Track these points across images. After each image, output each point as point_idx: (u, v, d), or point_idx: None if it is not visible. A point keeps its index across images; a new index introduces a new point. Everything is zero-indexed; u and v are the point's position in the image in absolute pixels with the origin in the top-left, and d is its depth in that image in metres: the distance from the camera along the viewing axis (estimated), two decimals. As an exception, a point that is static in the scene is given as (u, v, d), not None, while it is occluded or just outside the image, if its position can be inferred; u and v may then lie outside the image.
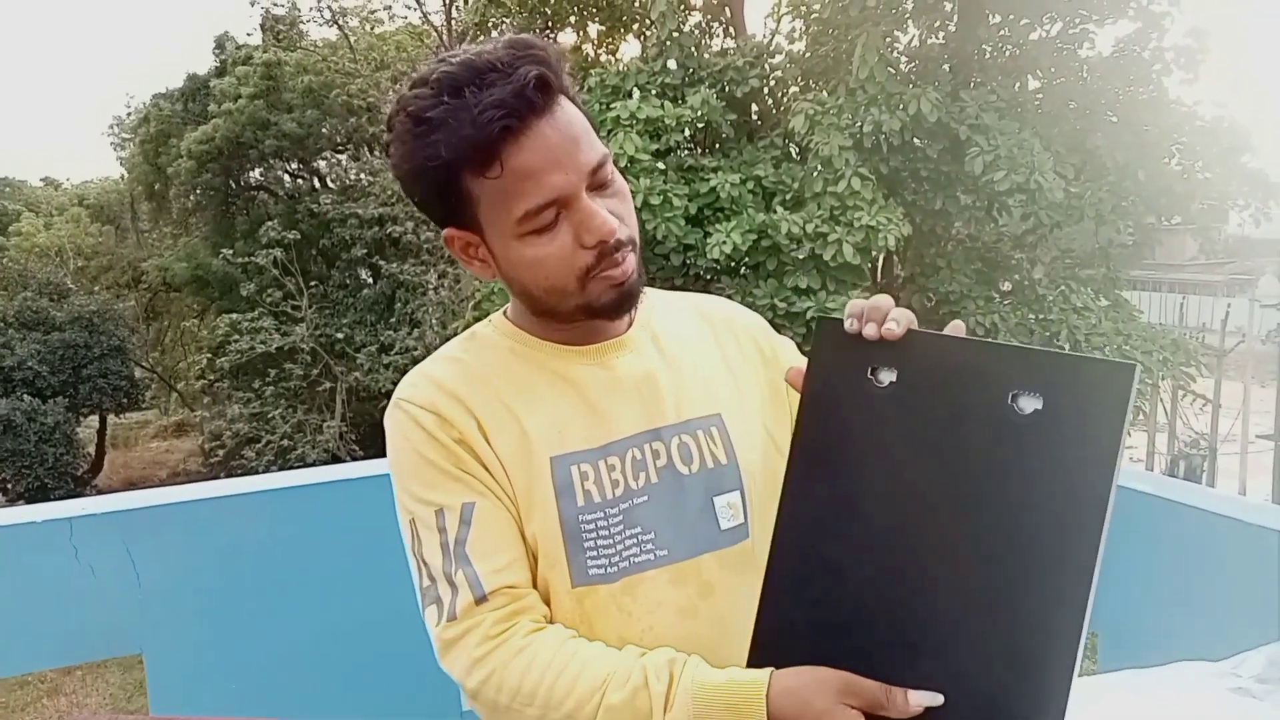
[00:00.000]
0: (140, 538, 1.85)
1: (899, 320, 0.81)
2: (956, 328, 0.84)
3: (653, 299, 1.13)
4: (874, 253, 8.57)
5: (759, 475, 1.05)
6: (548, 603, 0.98)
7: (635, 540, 0.98)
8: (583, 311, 0.99)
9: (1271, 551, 1.50)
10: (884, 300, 0.85)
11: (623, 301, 0.99)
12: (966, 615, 0.72)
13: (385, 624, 1.62)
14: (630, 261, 0.98)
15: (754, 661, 0.85)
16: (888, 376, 0.76)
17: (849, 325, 0.83)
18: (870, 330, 0.81)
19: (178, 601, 1.88)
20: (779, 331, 1.21)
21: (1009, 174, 8.03)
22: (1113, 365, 0.69)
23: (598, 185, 0.95)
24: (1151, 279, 22.27)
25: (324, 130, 18.45)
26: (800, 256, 8.34)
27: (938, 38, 9.77)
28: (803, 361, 1.16)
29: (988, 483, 0.73)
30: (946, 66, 9.67)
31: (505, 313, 1.09)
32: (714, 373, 1.09)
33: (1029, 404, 0.71)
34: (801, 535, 0.79)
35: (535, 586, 0.99)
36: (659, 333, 1.09)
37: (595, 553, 0.97)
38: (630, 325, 1.08)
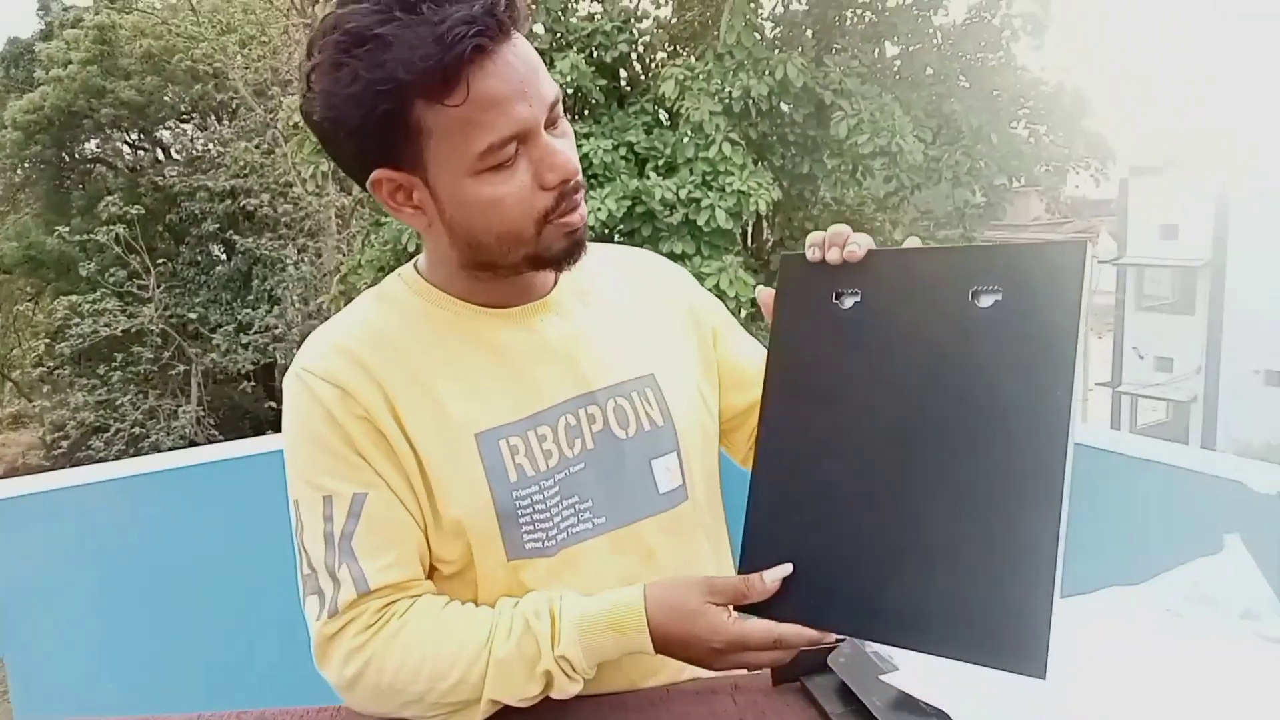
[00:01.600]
0: (-7, 532, 1.68)
1: (859, 243, 0.80)
2: (913, 242, 0.85)
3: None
4: (745, 217, 8.66)
5: (695, 435, 1.02)
6: (481, 578, 0.92)
7: (573, 510, 0.94)
8: (530, 262, 0.91)
9: (1150, 481, 1.58)
10: (842, 227, 0.84)
11: (573, 250, 0.92)
12: (949, 514, 0.73)
13: (259, 611, 1.53)
14: (584, 208, 0.92)
15: None
16: (851, 299, 0.77)
17: (810, 254, 0.83)
18: (834, 255, 0.81)
19: (37, 599, 1.73)
20: None
21: (872, 138, 8.24)
22: (1064, 246, 0.71)
23: (552, 122, 0.88)
24: (1001, 238, 23.49)
25: (166, 98, 17.35)
26: (674, 222, 8.35)
27: (801, 4, 9.91)
28: (725, 314, 1.14)
29: (957, 379, 0.74)
30: (810, 33, 9.83)
31: (416, 266, 1.00)
32: (646, 330, 1.04)
33: (988, 298, 0.73)
34: (782, 463, 0.80)
35: (449, 566, 0.94)
36: (587, 290, 1.03)
37: (532, 527, 0.92)
38: (555, 284, 1.01)
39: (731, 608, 0.80)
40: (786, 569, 0.78)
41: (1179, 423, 21.05)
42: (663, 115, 9.27)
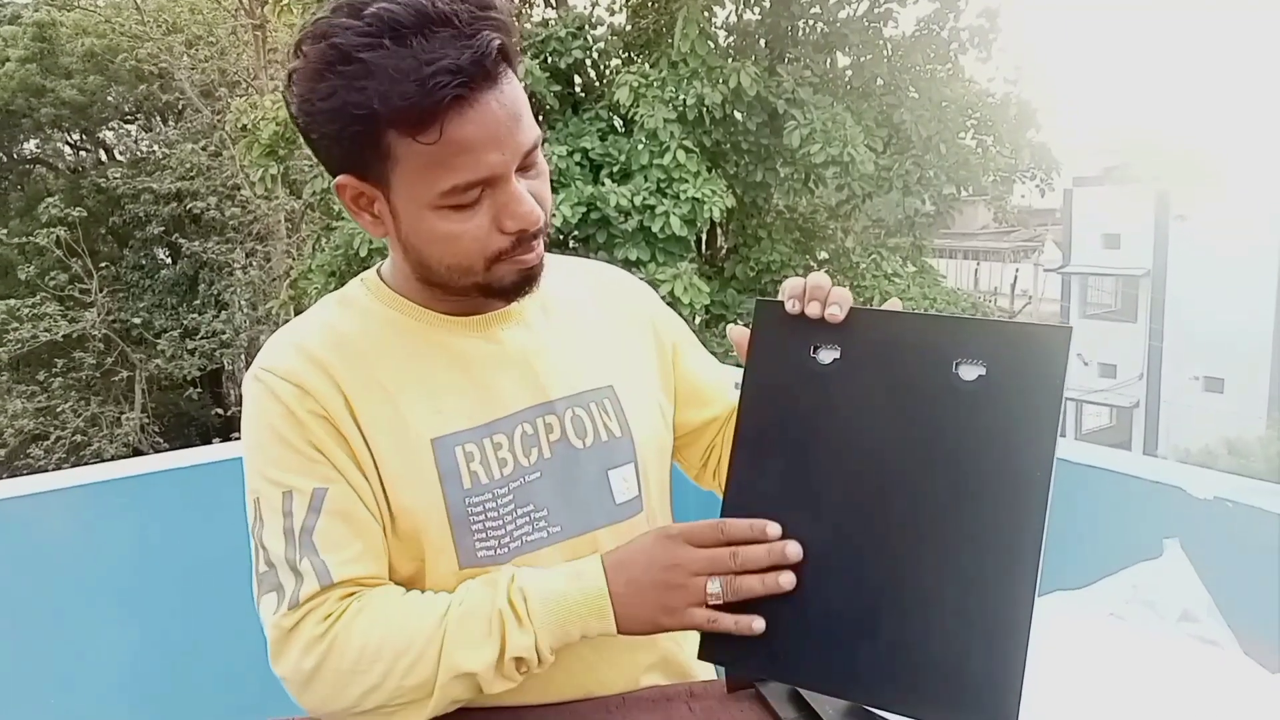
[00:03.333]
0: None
1: (840, 304, 0.79)
2: (894, 304, 0.85)
3: (547, 265, 1.07)
4: (700, 224, 8.72)
5: (652, 447, 1.03)
6: (432, 584, 0.92)
7: (528, 518, 0.94)
8: (479, 290, 0.92)
9: (1092, 486, 1.62)
10: (822, 279, 0.82)
11: (524, 284, 0.93)
12: (924, 580, 0.73)
13: (210, 624, 1.50)
14: (540, 247, 0.91)
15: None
16: (830, 354, 0.76)
17: (790, 306, 0.81)
18: (814, 309, 0.80)
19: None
20: None
21: (824, 147, 8.35)
22: (1049, 330, 0.73)
23: (527, 166, 0.88)
24: (950, 247, 23.88)
25: (110, 98, 16.98)
26: (629, 229, 8.39)
27: (754, 13, 10.01)
28: (686, 331, 1.15)
29: (936, 450, 0.74)
30: (763, 42, 9.94)
31: (379, 272, 1.00)
32: (607, 342, 1.05)
33: (971, 371, 0.73)
34: (750, 515, 0.78)
35: (401, 571, 0.93)
36: (549, 301, 1.03)
37: (484, 534, 0.92)
38: None
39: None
40: (771, 525, 0.78)
41: (1122, 428, 21.57)
42: (617, 122, 9.30)
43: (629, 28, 10.29)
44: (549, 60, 9.11)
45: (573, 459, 0.97)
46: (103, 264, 16.01)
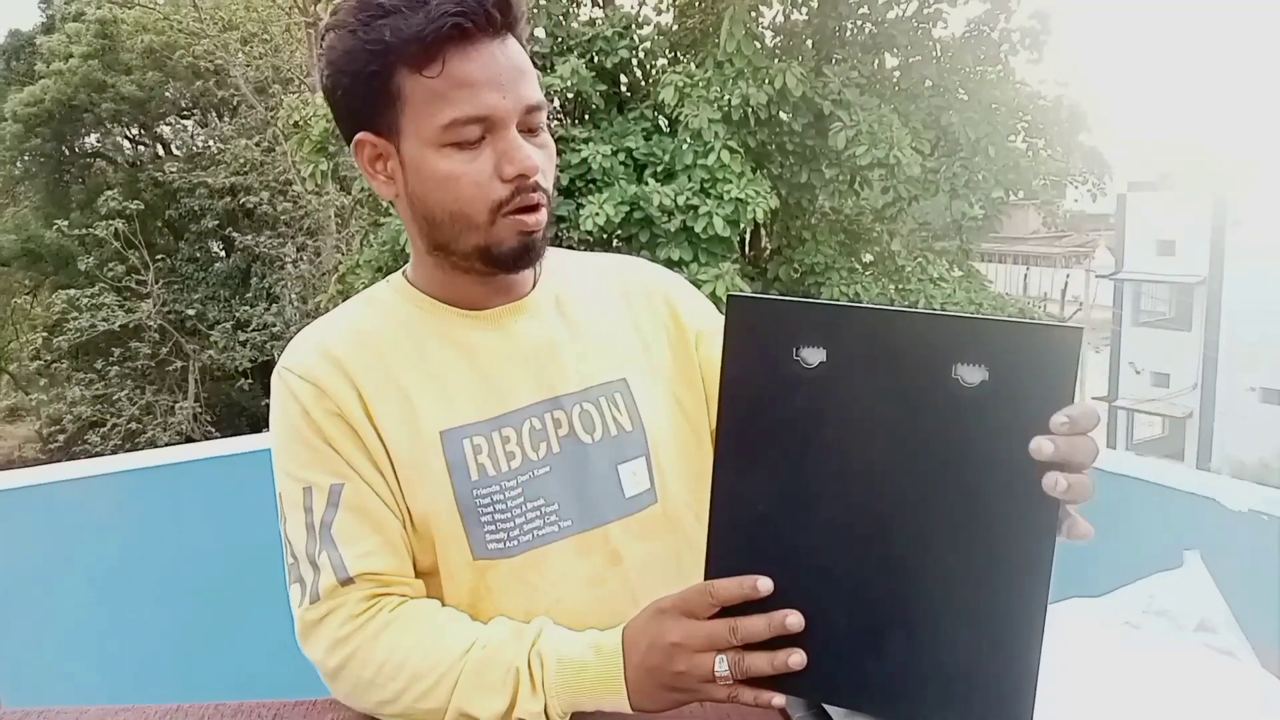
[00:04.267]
0: (-17, 525, 1.70)
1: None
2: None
3: (560, 260, 1.09)
4: (743, 225, 8.70)
5: (667, 440, 1.03)
6: (446, 577, 0.94)
7: (538, 512, 0.95)
8: (481, 255, 0.94)
9: (1127, 497, 1.60)
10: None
11: (524, 253, 0.94)
12: (932, 591, 0.71)
13: (246, 606, 1.55)
14: (543, 214, 0.93)
15: None
16: (815, 356, 0.70)
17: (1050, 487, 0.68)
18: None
19: (29, 590, 1.75)
20: None
21: (870, 149, 8.29)
22: (1060, 330, 0.67)
23: (529, 128, 0.92)
24: (999, 251, 23.56)
25: (167, 94, 17.41)
26: (672, 229, 8.40)
27: (801, 13, 9.97)
28: (715, 318, 1.14)
29: (938, 458, 0.70)
30: (810, 42, 9.89)
31: (405, 273, 1.03)
32: (621, 336, 1.06)
33: (973, 375, 0.68)
34: (739, 535, 0.74)
35: (419, 566, 0.95)
36: (564, 295, 1.05)
37: (494, 527, 0.94)
38: (534, 287, 1.03)
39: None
40: (762, 580, 0.73)
41: (1175, 439, 21.11)
42: (662, 122, 9.31)
43: (675, 27, 10.31)
44: (595, 59, 9.15)
45: (581, 454, 0.98)
46: (159, 256, 16.40)
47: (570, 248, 7.08)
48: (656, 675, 0.79)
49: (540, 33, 9.26)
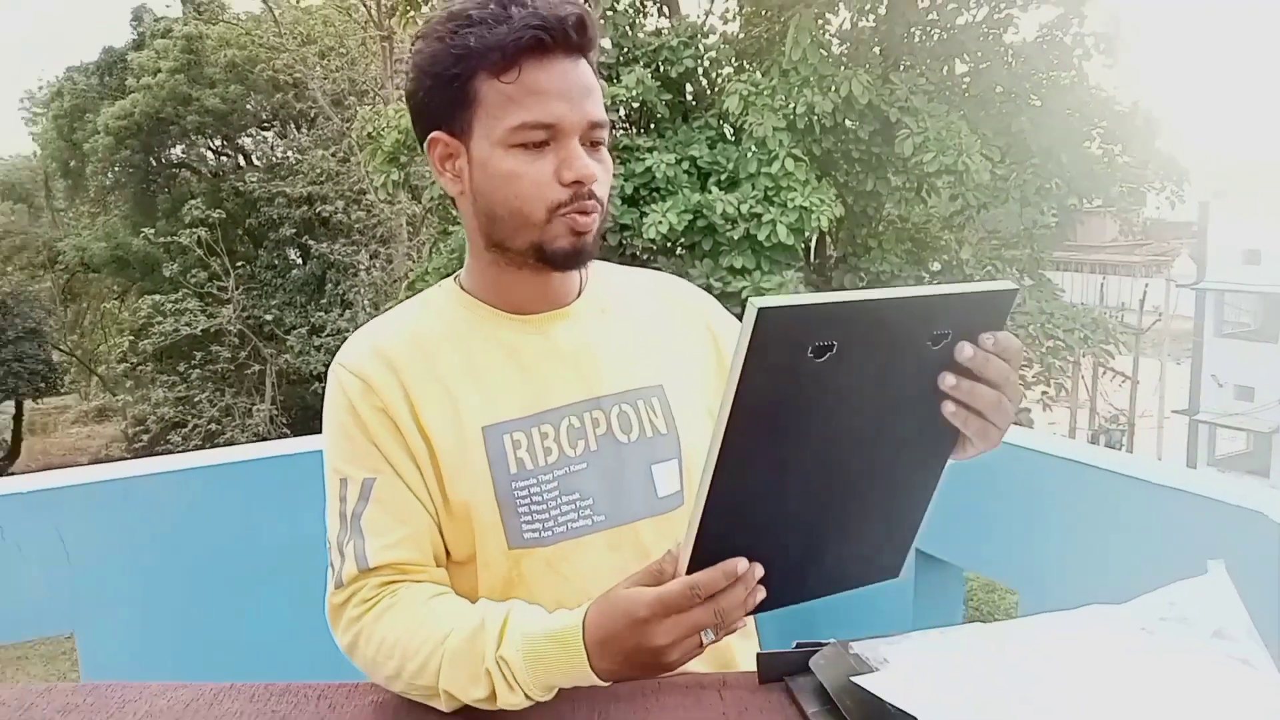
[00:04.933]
0: (70, 516, 1.80)
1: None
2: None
3: (607, 272, 1.16)
4: (807, 233, 8.66)
5: (699, 447, 1.04)
6: (483, 565, 1.00)
7: (573, 506, 1.00)
8: (534, 252, 1.00)
9: (1181, 510, 1.58)
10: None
11: (573, 254, 1.00)
12: (863, 505, 0.86)
13: (305, 596, 1.62)
14: (595, 220, 1.00)
15: None
16: (825, 350, 0.74)
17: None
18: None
19: (109, 579, 1.85)
20: None
21: (937, 156, 8.19)
22: (997, 291, 0.80)
23: (591, 143, 0.99)
24: (1074, 260, 22.96)
25: (248, 106, 18.00)
26: (735, 237, 8.40)
27: (868, 20, 9.90)
28: None
29: (901, 408, 0.82)
30: (877, 49, 9.81)
31: (458, 278, 1.11)
32: (661, 345, 1.11)
33: (940, 338, 0.79)
34: (723, 522, 0.79)
35: (457, 554, 1.01)
36: (609, 304, 1.10)
37: (530, 517, 0.99)
38: (579, 296, 1.09)
39: None
40: (740, 563, 0.79)
41: (1260, 454, 20.30)
42: (727, 130, 9.33)
43: (742, 36, 10.32)
44: (660, 69, 9.21)
45: (617, 452, 1.03)
46: (239, 263, 16.94)
47: (633, 256, 7.08)
48: (636, 670, 0.84)
49: (606, 43, 9.37)
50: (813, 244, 10.04)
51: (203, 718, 0.90)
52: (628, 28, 9.47)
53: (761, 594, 0.80)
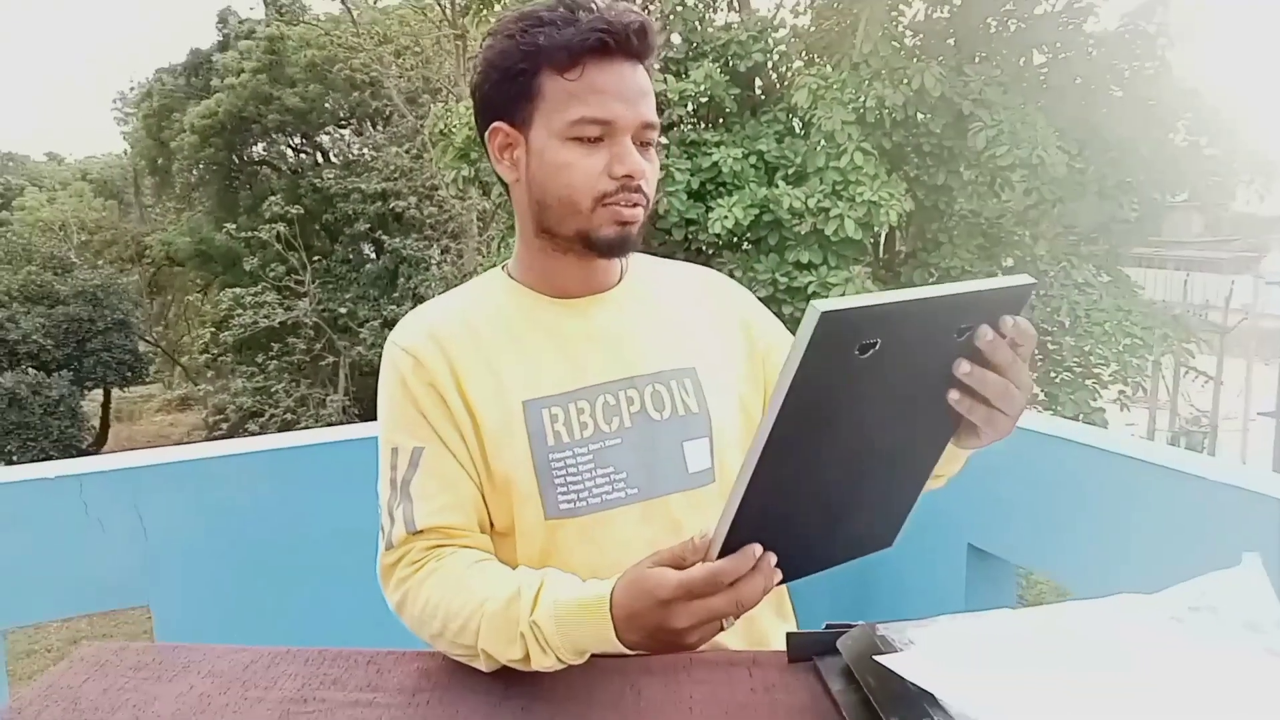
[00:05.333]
0: (147, 494, 1.90)
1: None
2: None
3: (648, 262, 1.22)
4: (876, 228, 8.55)
5: (727, 429, 1.12)
6: (521, 534, 1.06)
7: (607, 479, 1.06)
8: (580, 238, 1.06)
9: (1240, 507, 1.55)
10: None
11: (618, 242, 1.06)
12: (875, 484, 0.90)
13: (367, 571, 1.69)
14: (640, 212, 1.06)
15: None
16: (871, 349, 0.76)
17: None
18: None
19: (183, 555, 1.94)
20: (780, 306, 1.28)
21: (1011, 149, 8.01)
22: (1017, 285, 0.83)
23: (642, 142, 1.05)
24: (1156, 256, 22.20)
25: (327, 105, 18.46)
26: (802, 231, 8.34)
27: (943, 12, 9.72)
28: (784, 337, 1.21)
29: (925, 396, 0.85)
30: (951, 41, 9.63)
31: (505, 267, 1.17)
32: (695, 331, 1.16)
33: (964, 332, 0.82)
34: (755, 511, 0.82)
35: (498, 525, 1.07)
36: (646, 292, 1.16)
37: (566, 489, 1.05)
38: (619, 283, 1.15)
39: None
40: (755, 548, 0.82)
41: (1354, 458, 19.40)
42: (795, 124, 9.26)
43: (812, 29, 10.23)
44: (729, 63, 9.18)
45: (650, 429, 1.08)
46: (316, 257, 17.39)
47: (699, 250, 7.08)
48: (666, 646, 0.88)
49: (675, 38, 9.37)
50: (881, 239, 9.92)
51: (260, 678, 0.96)
52: (696, 23, 9.46)
53: (778, 577, 0.83)
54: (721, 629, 0.86)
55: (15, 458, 15.38)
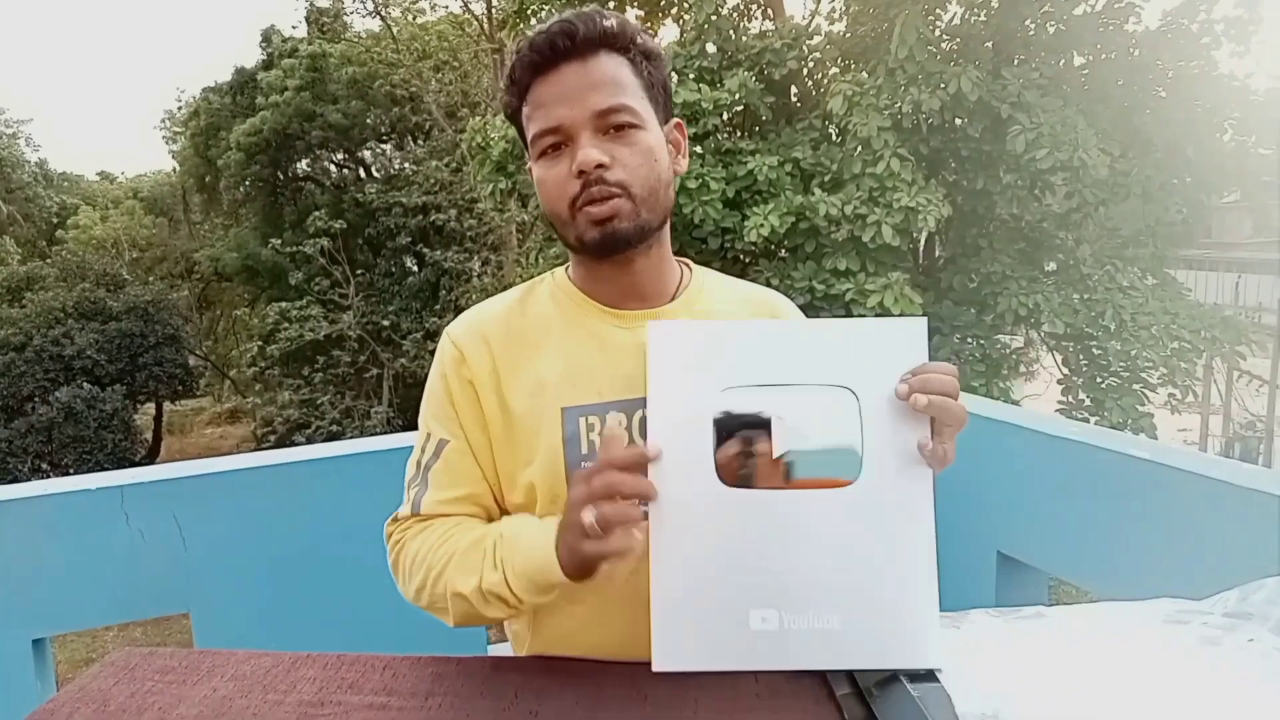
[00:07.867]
0: (186, 504, 1.96)
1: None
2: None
3: (711, 279, 1.22)
4: (914, 234, 8.49)
5: None
6: None
7: None
8: (577, 247, 1.09)
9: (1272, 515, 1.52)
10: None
11: (605, 242, 1.06)
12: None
13: (389, 580, 1.73)
14: (617, 204, 1.05)
15: None
16: None
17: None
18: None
19: (221, 563, 1.99)
20: (818, 313, 1.28)
21: (1051, 152, 7.90)
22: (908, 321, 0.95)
23: (606, 129, 1.05)
24: (1206, 258, 21.71)
25: (368, 120, 18.72)
26: (839, 238, 8.29)
27: (980, 15, 9.62)
28: None
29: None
30: (989, 44, 9.53)
31: (567, 269, 1.20)
32: None
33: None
34: None
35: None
36: (704, 310, 1.17)
37: None
38: (674, 299, 1.16)
39: None
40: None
41: None
42: (831, 131, 9.22)
43: (847, 35, 10.18)
44: (764, 71, 9.17)
45: None
46: (359, 271, 17.63)
47: (735, 258, 7.05)
48: (575, 536, 0.92)
49: (710, 47, 9.38)
50: (920, 245, 9.83)
51: (280, 682, 0.99)
52: (731, 31, 9.47)
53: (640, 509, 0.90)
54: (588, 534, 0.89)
55: (71, 470, 15.76)
